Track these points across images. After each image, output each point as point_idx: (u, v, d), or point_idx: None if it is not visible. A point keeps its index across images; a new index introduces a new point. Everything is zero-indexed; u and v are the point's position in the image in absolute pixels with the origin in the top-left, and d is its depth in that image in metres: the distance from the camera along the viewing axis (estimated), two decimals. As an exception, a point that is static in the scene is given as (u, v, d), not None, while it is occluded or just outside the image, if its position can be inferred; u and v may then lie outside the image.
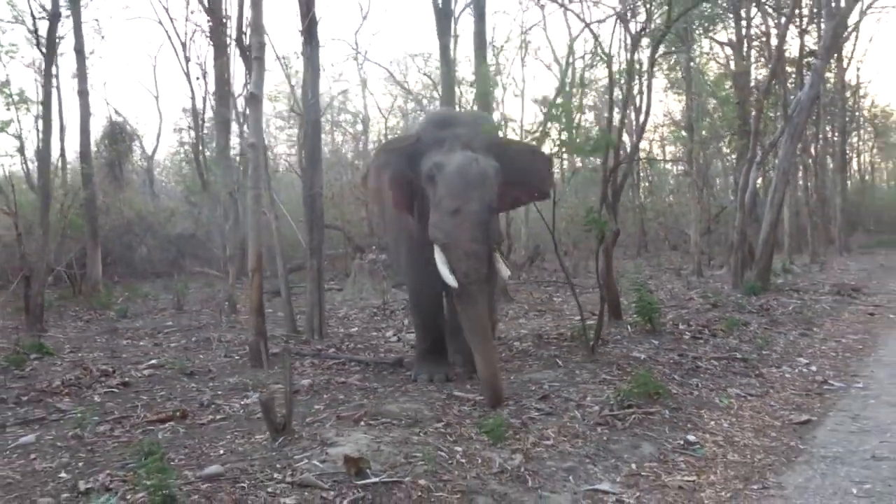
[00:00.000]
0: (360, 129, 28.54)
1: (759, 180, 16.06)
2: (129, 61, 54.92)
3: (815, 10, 17.92)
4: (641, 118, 10.04)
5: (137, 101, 71.94)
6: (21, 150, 14.18)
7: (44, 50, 10.27)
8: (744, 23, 17.35)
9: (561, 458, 4.18)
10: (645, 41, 10.35)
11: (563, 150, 7.16)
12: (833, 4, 13.30)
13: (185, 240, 19.02)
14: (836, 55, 20.19)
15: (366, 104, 26.11)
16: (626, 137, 16.46)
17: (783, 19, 15.22)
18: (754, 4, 15.90)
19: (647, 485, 4.04)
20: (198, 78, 18.13)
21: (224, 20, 12.57)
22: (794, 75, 16.47)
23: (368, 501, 3.26)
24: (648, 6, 9.62)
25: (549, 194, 6.26)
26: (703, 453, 4.57)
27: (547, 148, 7.11)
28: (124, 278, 16.11)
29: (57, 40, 10.69)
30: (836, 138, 25.40)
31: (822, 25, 14.94)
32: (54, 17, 10.07)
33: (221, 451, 3.95)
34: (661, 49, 11.01)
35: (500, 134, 5.65)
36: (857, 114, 30.02)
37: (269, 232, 8.29)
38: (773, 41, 16.51)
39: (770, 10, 16.32)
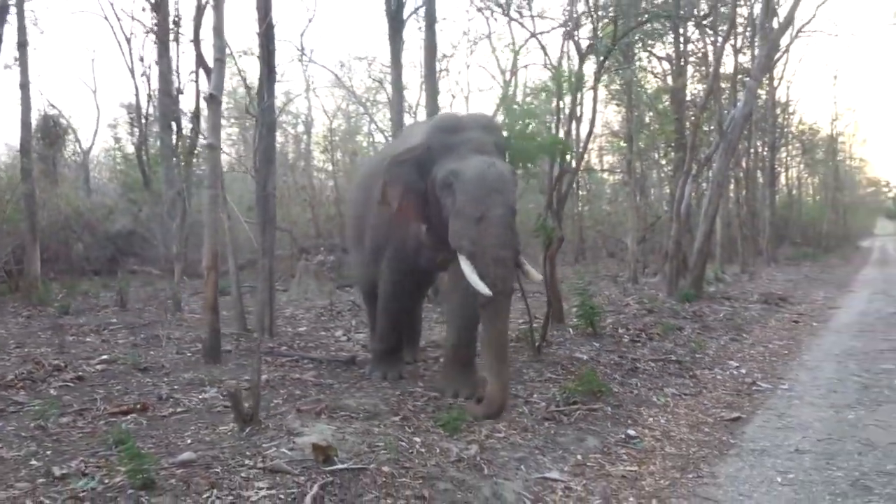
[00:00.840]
0: (301, 130, 28.54)
1: (693, 192, 16.66)
2: (65, 53, 53.58)
3: (748, 30, 18.75)
4: (586, 129, 10.40)
5: (73, 94, 69.79)
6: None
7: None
8: (682, 39, 17.99)
9: (513, 449, 4.45)
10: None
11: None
12: (767, 26, 13.94)
13: (123, 237, 18.77)
14: (768, 75, 21.03)
15: (310, 106, 26.11)
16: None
17: (720, 39, 15.87)
18: (693, 24, 16.48)
19: (593, 474, 4.34)
20: (143, 74, 17.93)
21: (175, 20, 12.51)
22: (728, 92, 17.18)
23: (337, 486, 3.45)
24: (594, 23, 10.00)
25: None
26: (643, 446, 4.89)
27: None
28: (61, 275, 15.80)
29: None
30: (766, 153, 26.39)
31: (756, 47, 15.64)
32: (2, 9, 9.94)
33: (189, 441, 4.09)
34: (606, 64, 11.39)
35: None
36: (786, 130, 31.25)
37: (221, 231, 8.36)
38: (710, 58, 17.15)
39: (708, 30, 16.94)
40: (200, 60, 8.70)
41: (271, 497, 3.25)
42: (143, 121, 18.67)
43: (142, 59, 18.30)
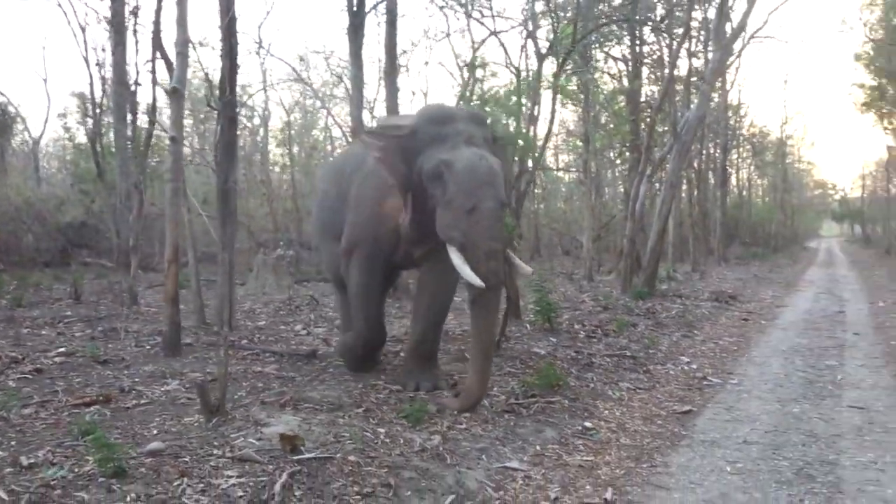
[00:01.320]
0: (257, 123, 28.30)
1: (647, 192, 16.95)
2: (15, 41, 52.29)
3: (702, 34, 19.13)
4: (542, 128, 10.60)
5: (23, 82, 68.16)
6: None
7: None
8: (638, 42, 18.30)
9: (474, 439, 4.57)
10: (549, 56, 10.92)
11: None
12: (721, 31, 14.27)
13: (75, 229, 18.50)
14: (721, 78, 21.49)
15: (267, 99, 25.90)
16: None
17: (675, 43, 16.20)
18: (649, 28, 16.77)
19: (551, 463, 4.48)
20: (97, 64, 17.58)
21: (134, 10, 12.34)
22: (682, 95, 17.52)
23: (305, 474, 3.53)
24: (554, 24, 10.17)
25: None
26: (599, 437, 5.05)
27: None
28: (11, 267, 15.52)
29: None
30: (717, 155, 26.94)
31: (710, 51, 15.99)
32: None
33: (155, 432, 4.12)
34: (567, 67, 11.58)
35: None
36: (737, 133, 31.96)
37: (182, 224, 8.33)
38: (666, 61, 17.48)
39: (664, 34, 17.25)
40: (161, 52, 8.64)
41: (241, 485, 3.32)
42: (98, 111, 18.30)
43: (95, 49, 17.90)
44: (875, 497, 4.00)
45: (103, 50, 16.14)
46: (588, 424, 5.26)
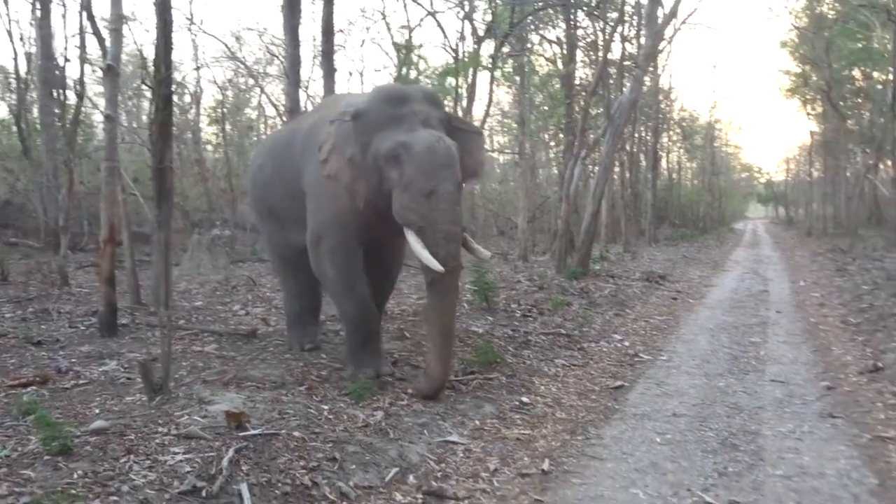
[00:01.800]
0: (188, 101, 27.68)
1: (581, 174, 17.23)
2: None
3: (635, 19, 19.48)
4: (481, 109, 10.71)
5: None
6: None
7: None
8: (573, 25, 18.52)
9: (415, 415, 4.69)
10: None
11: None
12: (653, 17, 14.58)
13: (-3, 208, 17.92)
14: (653, 63, 21.91)
15: (199, 77, 25.35)
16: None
17: (609, 27, 16.47)
18: (584, 12, 16.97)
19: (490, 437, 4.63)
20: (21, 38, 17.01)
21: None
22: (615, 78, 17.86)
23: (252, 450, 3.59)
24: (492, 6, 10.25)
25: (479, 176, 5.82)
26: (536, 412, 5.22)
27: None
28: (-73, 246, 14.96)
29: None
30: (649, 138, 27.47)
31: (643, 36, 16.31)
32: None
33: (97, 411, 4.13)
34: (504, 49, 11.70)
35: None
36: (668, 116, 32.63)
37: (117, 204, 8.20)
38: (600, 45, 17.72)
39: (598, 18, 17.48)
40: (93, 26, 8.45)
41: (189, 461, 3.36)
42: (23, 87, 17.72)
43: (18, 23, 17.31)
44: (793, 464, 4.25)
45: (31, 24, 15.65)
46: (525, 400, 5.43)
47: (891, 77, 22.00)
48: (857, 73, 28.85)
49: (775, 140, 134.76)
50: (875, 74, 27.91)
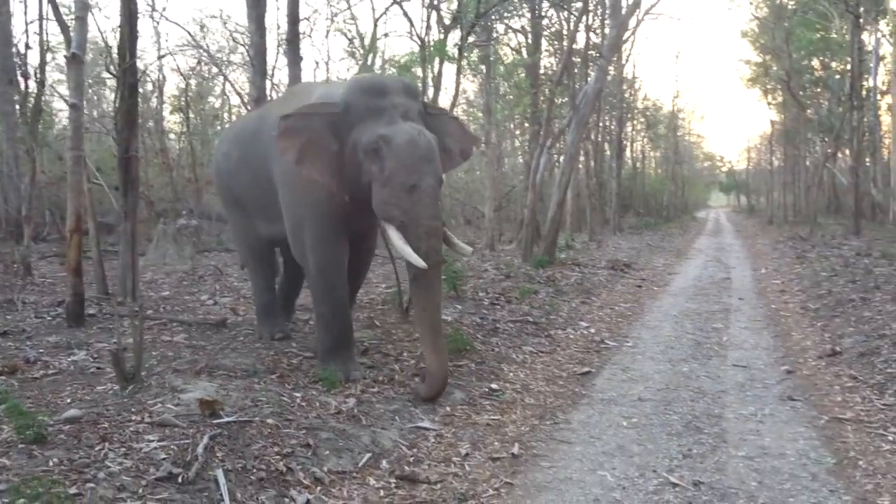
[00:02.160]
0: (150, 88, 27.31)
1: (547, 163, 17.34)
2: None
3: (599, 9, 19.63)
4: (447, 99, 10.75)
5: None
6: None
7: None
8: (538, 15, 18.61)
9: (387, 402, 4.76)
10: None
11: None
12: (617, 7, 14.73)
13: (-49, 197, 17.51)
14: (617, 53, 22.10)
15: (161, 65, 25.01)
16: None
17: (574, 17, 16.59)
18: (549, 2, 17.06)
19: (461, 422, 4.72)
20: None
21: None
22: (579, 67, 17.98)
23: (226, 437, 3.63)
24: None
25: (472, 151, 5.86)
26: (505, 398, 5.32)
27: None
28: None
29: None
30: (613, 127, 27.72)
31: (608, 26, 16.45)
32: None
33: (69, 400, 4.12)
34: (470, 39, 11.73)
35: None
36: (632, 106, 32.94)
37: (83, 193, 8.12)
38: (565, 35, 17.85)
39: (563, 8, 17.59)
40: (55, 14, 8.33)
41: (164, 448, 3.38)
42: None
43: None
44: (755, 445, 4.39)
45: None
46: (494, 386, 5.53)
47: (848, 67, 22.47)
48: (815, 62, 29.41)
49: (737, 129, 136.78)
50: (833, 64, 28.51)
